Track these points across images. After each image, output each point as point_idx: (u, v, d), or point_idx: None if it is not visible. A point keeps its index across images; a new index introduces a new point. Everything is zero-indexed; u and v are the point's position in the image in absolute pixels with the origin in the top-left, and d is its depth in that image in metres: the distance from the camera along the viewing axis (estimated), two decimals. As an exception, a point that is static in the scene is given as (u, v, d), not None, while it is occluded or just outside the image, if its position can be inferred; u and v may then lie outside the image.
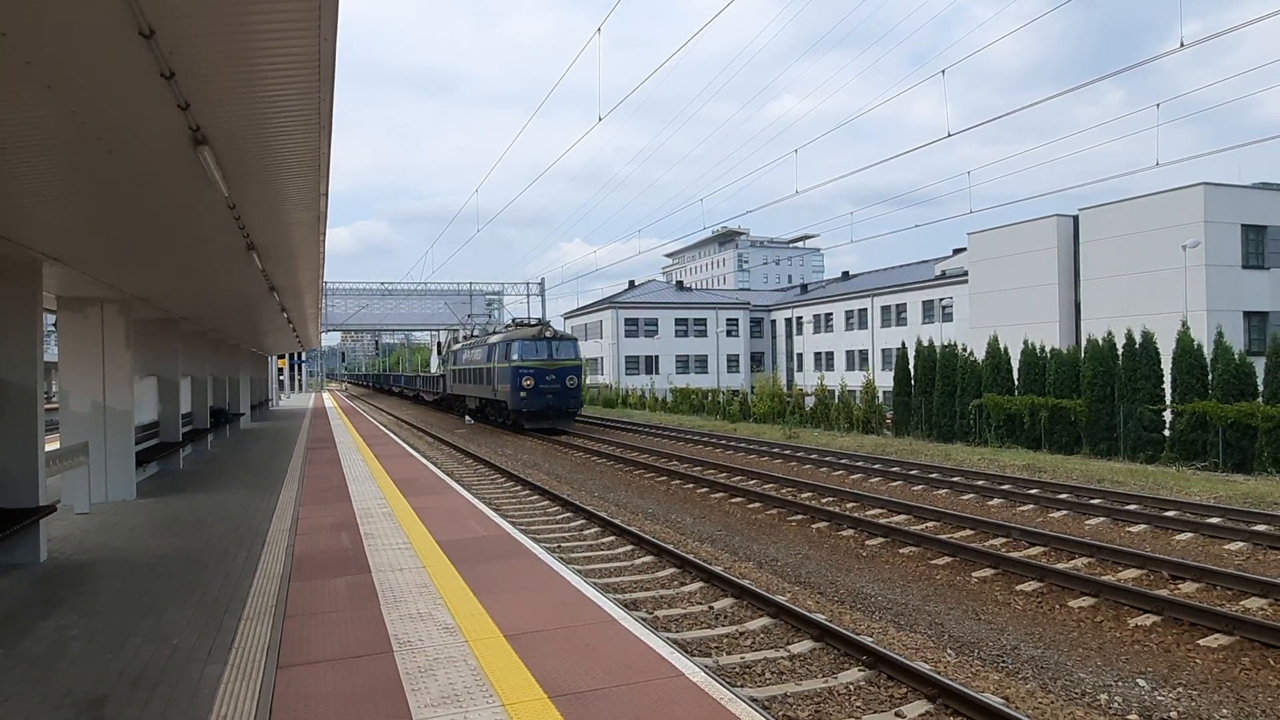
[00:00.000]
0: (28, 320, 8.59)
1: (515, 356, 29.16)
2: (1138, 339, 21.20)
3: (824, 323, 62.23)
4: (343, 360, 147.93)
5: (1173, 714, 5.51)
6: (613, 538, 11.09)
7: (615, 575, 9.17)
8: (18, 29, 3.69)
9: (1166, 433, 20.27)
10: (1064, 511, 12.27)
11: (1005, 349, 24.83)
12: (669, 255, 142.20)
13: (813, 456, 19.83)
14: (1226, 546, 9.98)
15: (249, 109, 5.24)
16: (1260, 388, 19.01)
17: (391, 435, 24.86)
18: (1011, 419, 23.45)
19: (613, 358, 64.73)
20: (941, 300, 50.26)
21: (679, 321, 66.80)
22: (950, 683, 5.62)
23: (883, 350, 54.36)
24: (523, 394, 28.57)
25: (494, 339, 33.03)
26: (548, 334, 30.12)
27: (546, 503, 14.04)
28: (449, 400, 43.07)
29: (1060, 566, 8.96)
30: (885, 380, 36.72)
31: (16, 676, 5.18)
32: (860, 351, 57.64)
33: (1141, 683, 6.04)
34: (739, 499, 14.05)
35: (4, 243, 7.76)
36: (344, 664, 5.16)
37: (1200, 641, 6.79)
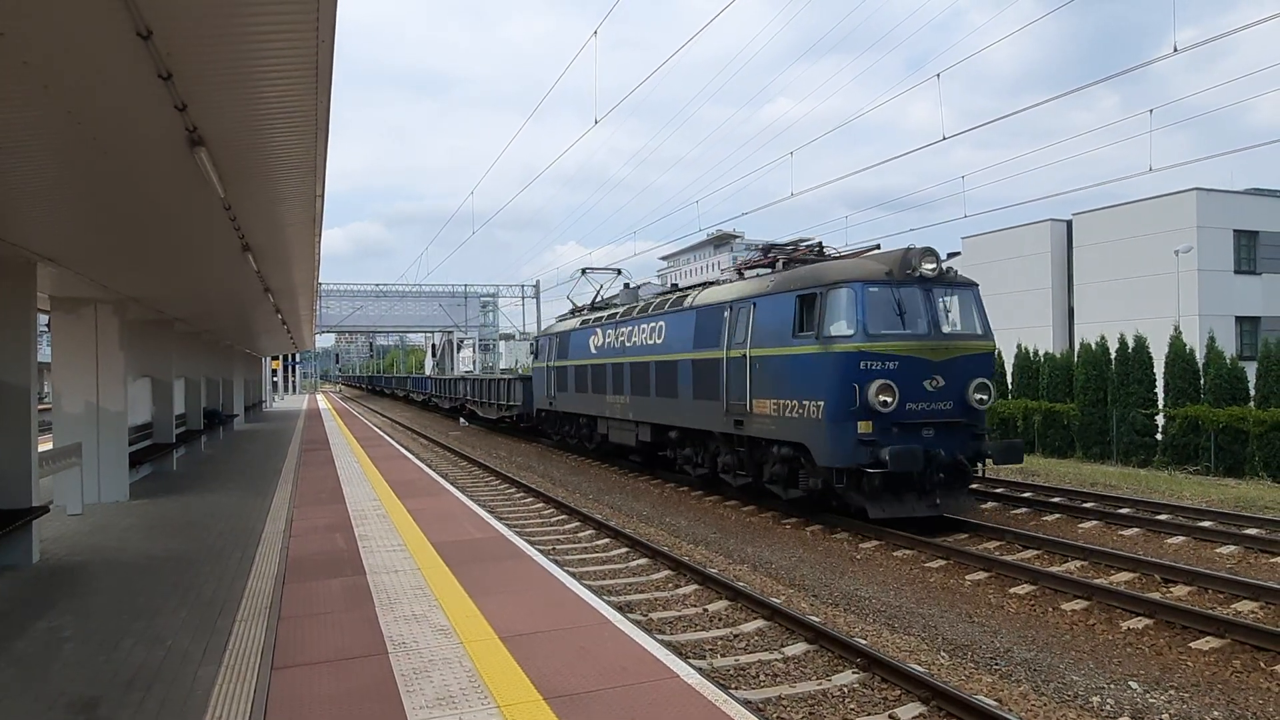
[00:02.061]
0: (21, 321, 8.58)
1: (843, 326, 11.05)
2: (1130, 343, 21.29)
3: (819, 326, 62.10)
4: (336, 362, 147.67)
5: (1164, 716, 5.54)
6: (607, 540, 11.09)
7: (610, 578, 9.17)
8: (15, 29, 3.70)
9: (1159, 437, 20.36)
10: (1057, 515, 12.30)
11: (999, 353, 24.90)
12: (664, 258, 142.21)
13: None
14: (1218, 550, 10.03)
15: (246, 110, 5.25)
16: (1252, 392, 19.11)
17: (385, 437, 24.83)
18: (1004, 422, 23.51)
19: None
20: (936, 304, 50.25)
21: (674, 324, 66.46)
22: (944, 685, 5.64)
23: (877, 354, 54.25)
24: (865, 427, 10.71)
25: (730, 289, 13.92)
26: (926, 268, 11.43)
27: (541, 505, 14.04)
28: (551, 421, 23.94)
29: (1053, 569, 8.98)
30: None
31: (9, 678, 5.17)
32: (855, 355, 57.56)
33: (1134, 685, 6.07)
34: (733, 501, 14.05)
35: (-2, 243, 7.75)
36: (339, 665, 5.16)
37: (1192, 644, 6.82)
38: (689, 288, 16.32)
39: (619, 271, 24.55)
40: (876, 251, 12.80)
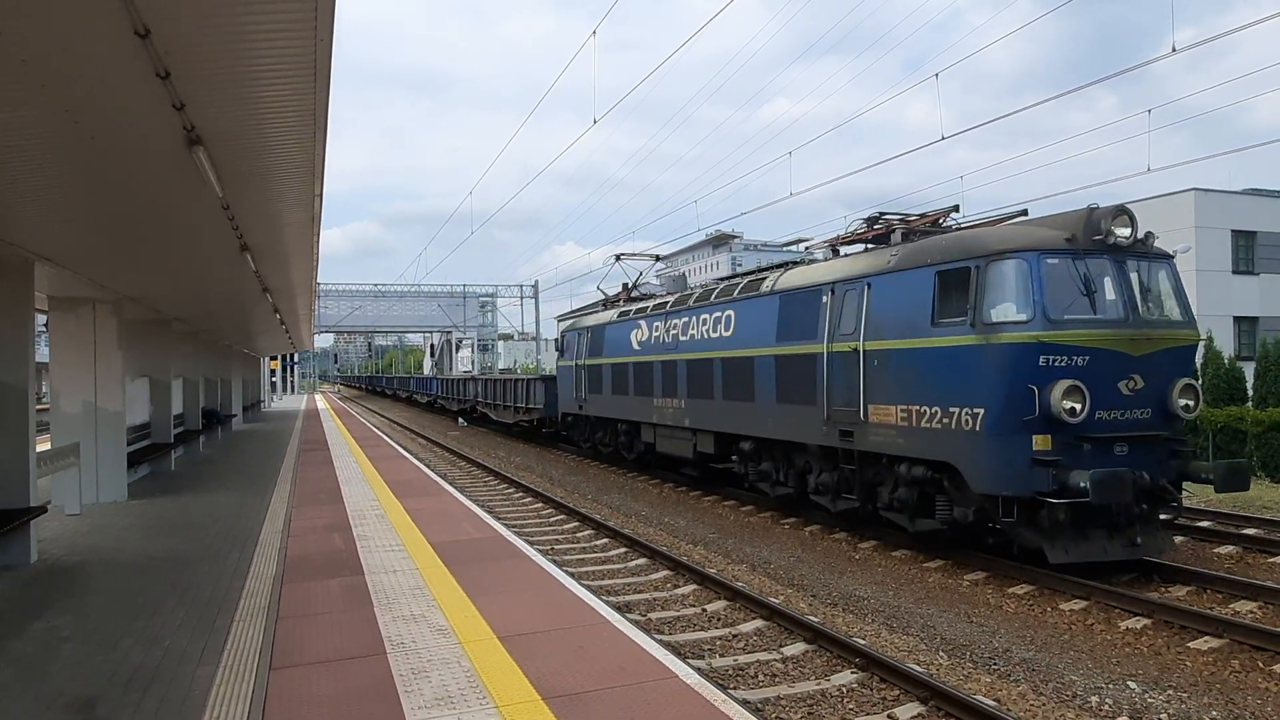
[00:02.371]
0: (19, 320, 8.58)
1: (1011, 309, 8.45)
2: (1129, 343, 21.28)
3: (817, 326, 61.90)
4: (335, 362, 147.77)
5: (1163, 716, 5.54)
6: (606, 540, 11.09)
7: (609, 578, 9.17)
8: (13, 28, 3.69)
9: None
10: (1056, 515, 12.30)
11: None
12: (662, 258, 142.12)
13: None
14: (1216, 550, 10.03)
15: (244, 110, 5.25)
16: (1250, 392, 19.12)
17: (384, 437, 24.82)
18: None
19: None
20: (934, 304, 50.11)
21: (673, 324, 66.23)
22: (942, 685, 5.65)
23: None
24: (1043, 443, 8.22)
25: (827, 269, 11.33)
26: (1120, 233, 8.68)
27: (540, 505, 14.03)
28: (579, 427, 21.24)
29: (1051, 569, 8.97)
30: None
31: (8, 678, 5.16)
32: (853, 355, 57.42)
33: (1132, 685, 6.07)
34: (731, 501, 14.05)
35: (-4, 242, 7.74)
36: (337, 666, 5.16)
37: (1191, 644, 6.82)
38: (765, 269, 13.60)
39: (658, 258, 21.82)
40: (1024, 218, 10.01)
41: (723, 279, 15.43)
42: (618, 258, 21.50)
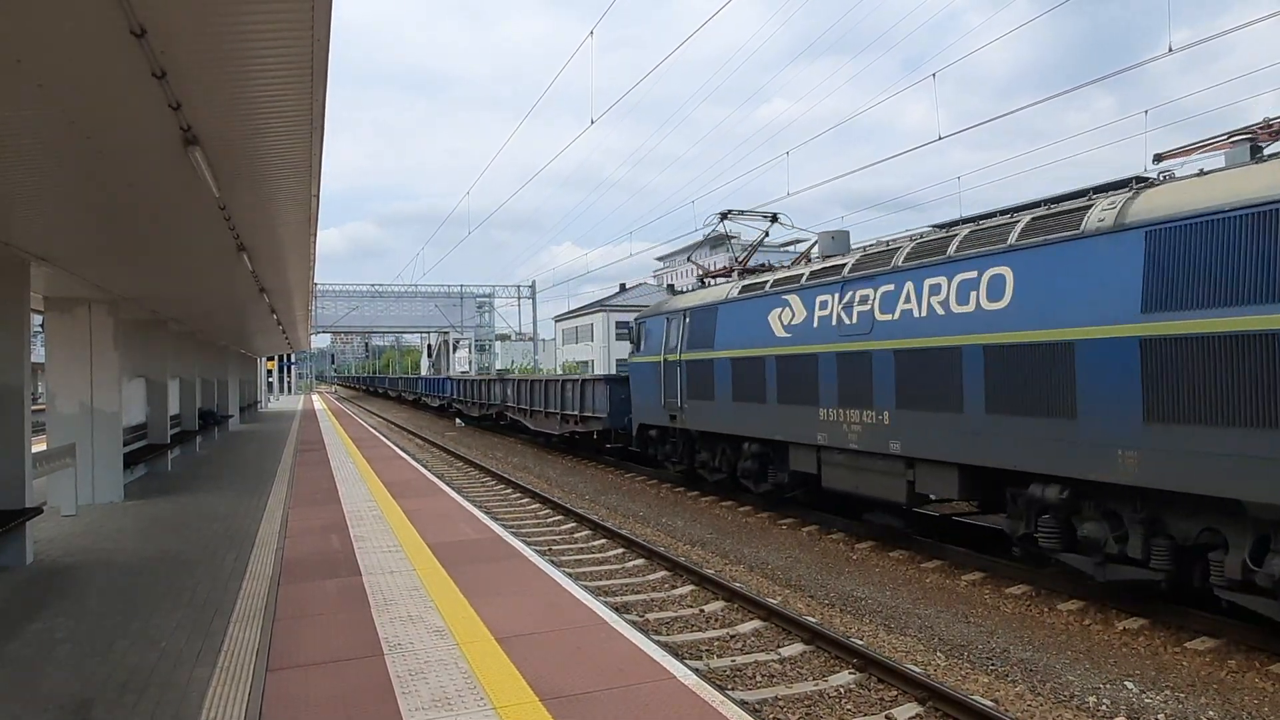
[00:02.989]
0: (15, 321, 8.56)
1: None
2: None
3: (815, 326, 61.86)
4: (332, 362, 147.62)
5: (1160, 716, 5.55)
6: (603, 540, 11.08)
7: (606, 578, 9.16)
8: (9, 27, 3.68)
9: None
10: (1053, 515, 12.31)
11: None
12: (660, 258, 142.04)
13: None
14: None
15: (241, 109, 5.24)
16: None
17: (381, 437, 24.79)
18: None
19: (604, 360, 64.79)
20: (932, 304, 50.05)
21: (671, 324, 66.17)
22: (940, 685, 5.65)
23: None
24: None
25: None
26: None
27: (537, 506, 14.02)
28: (669, 443, 15.84)
29: (1049, 570, 8.97)
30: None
31: (3, 680, 5.15)
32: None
33: (1129, 685, 6.08)
34: (729, 502, 14.05)
35: (-8, 242, 7.72)
36: (334, 667, 5.14)
37: (1188, 644, 6.83)
38: (1072, 194, 8.22)
39: (774, 218, 16.98)
40: None
41: (967, 219, 9.60)
42: (724, 216, 17.15)
